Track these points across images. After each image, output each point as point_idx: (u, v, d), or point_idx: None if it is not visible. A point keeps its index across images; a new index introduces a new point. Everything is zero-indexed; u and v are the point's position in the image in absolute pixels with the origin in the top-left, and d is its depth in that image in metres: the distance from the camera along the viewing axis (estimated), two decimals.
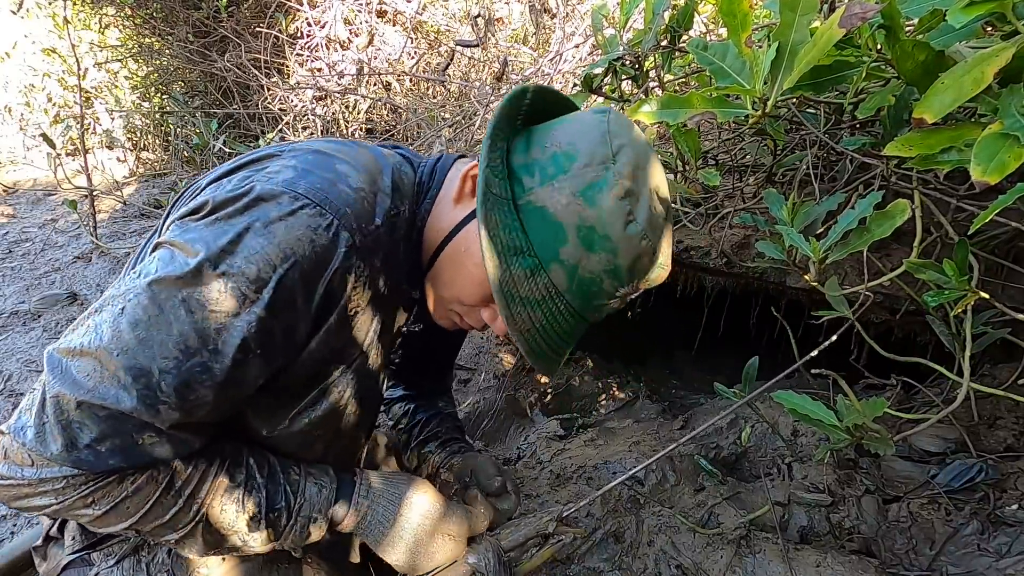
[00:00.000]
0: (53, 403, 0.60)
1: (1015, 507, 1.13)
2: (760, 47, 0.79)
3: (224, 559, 0.87)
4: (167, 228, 0.69)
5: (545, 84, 0.81)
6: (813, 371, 1.25)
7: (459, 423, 1.27)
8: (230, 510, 0.74)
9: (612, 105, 1.52)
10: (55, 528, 0.89)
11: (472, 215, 0.77)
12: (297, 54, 3.38)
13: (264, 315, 0.63)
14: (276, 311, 0.64)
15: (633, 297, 0.78)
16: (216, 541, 0.75)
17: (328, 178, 0.68)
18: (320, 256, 0.65)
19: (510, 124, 0.79)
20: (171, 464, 0.69)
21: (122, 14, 3.77)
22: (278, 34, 3.31)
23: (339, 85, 3.22)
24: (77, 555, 0.85)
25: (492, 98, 2.58)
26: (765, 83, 0.79)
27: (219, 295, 0.61)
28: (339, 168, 0.71)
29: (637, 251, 0.72)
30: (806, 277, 0.99)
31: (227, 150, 3.15)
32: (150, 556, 0.85)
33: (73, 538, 0.86)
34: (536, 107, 0.81)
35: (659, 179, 0.75)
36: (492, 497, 1.02)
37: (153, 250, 0.67)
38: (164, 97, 4.05)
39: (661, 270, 0.77)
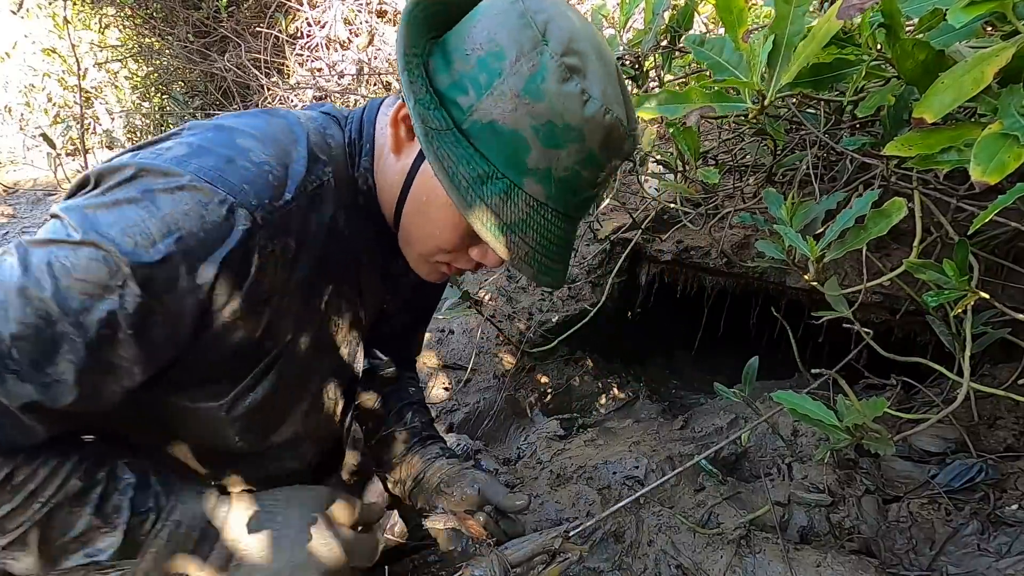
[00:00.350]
0: None
1: (1015, 507, 1.13)
2: (757, 42, 0.79)
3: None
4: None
5: None
6: (813, 371, 1.25)
7: (431, 416, 1.19)
8: (81, 513, 0.62)
9: None
10: None
11: (419, 159, 0.71)
12: (297, 54, 3.38)
13: (140, 293, 0.56)
14: (154, 290, 0.57)
15: (615, 175, 0.73)
16: (54, 553, 0.62)
17: (225, 155, 0.62)
18: (211, 234, 0.59)
19: (419, 46, 0.69)
20: (14, 457, 0.59)
21: (122, 14, 3.77)
22: (278, 34, 3.31)
23: (339, 85, 3.22)
24: None
25: None
26: (763, 78, 0.79)
27: (88, 264, 0.55)
28: (240, 143, 0.64)
29: (605, 128, 0.65)
30: (806, 277, 0.99)
31: None
32: None
33: None
34: (444, 15, 0.72)
35: (596, 39, 0.67)
36: (509, 517, 0.98)
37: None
38: (164, 97, 4.05)
39: (633, 137, 0.70)
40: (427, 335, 1.95)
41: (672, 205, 1.73)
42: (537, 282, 0.71)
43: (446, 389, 1.81)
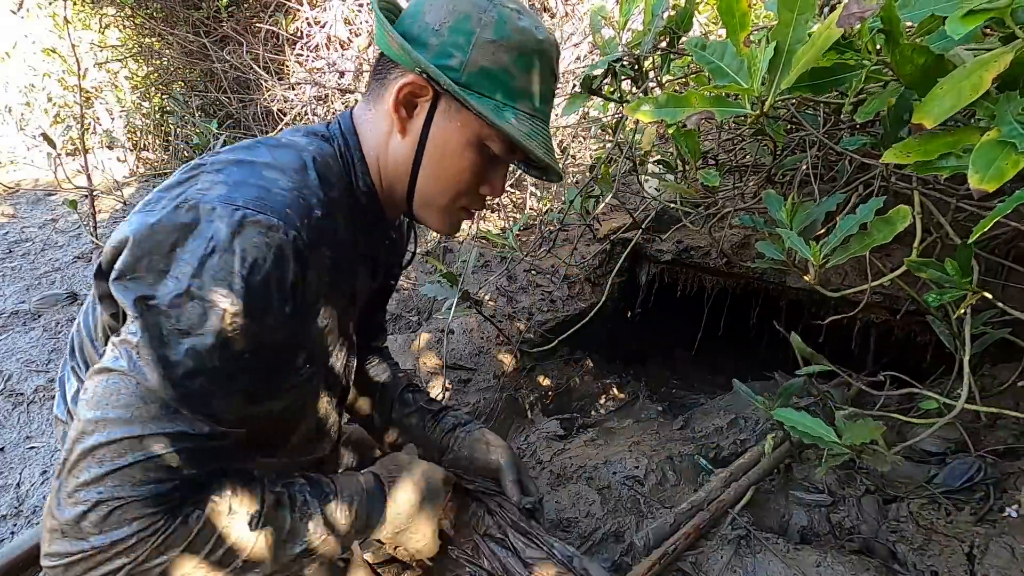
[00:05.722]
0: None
1: (1015, 507, 1.13)
2: (758, 46, 0.79)
3: None
4: (131, 304, 0.65)
5: None
6: (816, 388, 1.25)
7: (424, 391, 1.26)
8: (285, 515, 0.76)
9: (611, 106, 1.52)
10: None
11: (427, 127, 0.81)
12: (297, 54, 3.38)
13: (245, 321, 0.65)
14: (253, 314, 0.65)
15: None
16: (278, 552, 0.76)
17: (261, 186, 0.70)
18: (279, 256, 0.67)
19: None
20: (230, 487, 0.71)
21: (122, 14, 3.77)
22: (279, 32, 3.31)
23: (339, 84, 3.22)
24: None
25: None
26: (763, 83, 0.79)
27: (199, 319, 0.63)
28: (267, 175, 0.72)
29: (551, 45, 0.83)
30: (806, 278, 0.99)
31: None
32: None
33: None
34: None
35: None
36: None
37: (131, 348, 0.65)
38: (164, 97, 4.05)
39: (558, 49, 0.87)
40: (427, 335, 1.95)
41: (672, 205, 1.73)
42: (554, 175, 0.88)
43: (446, 389, 1.81)
